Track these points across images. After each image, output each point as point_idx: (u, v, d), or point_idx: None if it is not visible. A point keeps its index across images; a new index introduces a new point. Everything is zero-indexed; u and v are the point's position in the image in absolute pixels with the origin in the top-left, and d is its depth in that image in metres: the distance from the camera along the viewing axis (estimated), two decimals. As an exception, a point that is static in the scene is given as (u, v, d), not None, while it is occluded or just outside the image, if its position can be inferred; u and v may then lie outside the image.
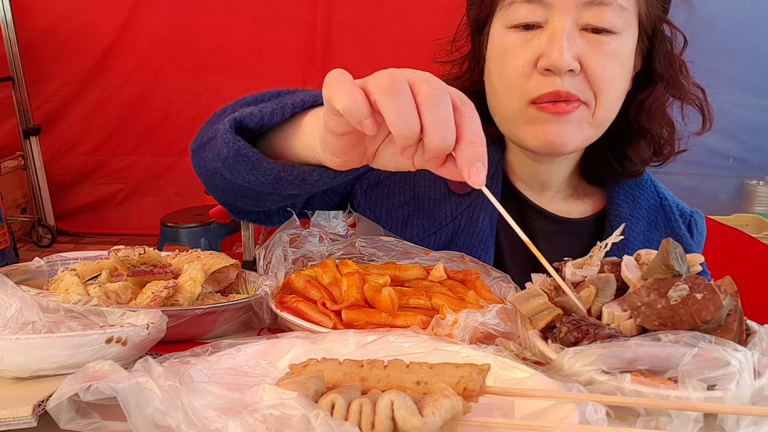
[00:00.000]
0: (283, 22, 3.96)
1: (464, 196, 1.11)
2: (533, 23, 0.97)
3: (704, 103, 1.10)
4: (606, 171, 1.15)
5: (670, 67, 1.07)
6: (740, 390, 0.58)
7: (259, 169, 0.81)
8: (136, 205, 4.27)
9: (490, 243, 1.10)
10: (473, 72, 1.11)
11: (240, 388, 0.57)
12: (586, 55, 0.96)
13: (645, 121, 1.09)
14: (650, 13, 1.02)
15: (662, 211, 1.17)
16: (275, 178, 0.81)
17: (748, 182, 3.77)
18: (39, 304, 0.72)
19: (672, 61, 1.07)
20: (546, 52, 0.94)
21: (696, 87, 1.10)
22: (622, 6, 0.96)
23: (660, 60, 1.06)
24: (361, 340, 0.70)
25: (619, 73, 1.00)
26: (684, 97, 1.09)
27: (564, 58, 0.93)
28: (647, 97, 1.08)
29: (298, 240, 0.99)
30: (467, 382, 0.55)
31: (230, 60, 4.04)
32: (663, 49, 1.06)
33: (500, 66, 1.01)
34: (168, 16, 4.00)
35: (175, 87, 4.10)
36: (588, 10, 0.95)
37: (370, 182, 1.12)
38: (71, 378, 0.53)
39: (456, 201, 1.11)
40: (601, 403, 0.56)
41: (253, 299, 0.85)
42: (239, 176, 0.85)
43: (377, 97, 0.62)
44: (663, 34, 1.06)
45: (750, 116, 3.63)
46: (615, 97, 1.02)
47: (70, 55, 4.09)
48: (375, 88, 0.62)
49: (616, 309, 0.69)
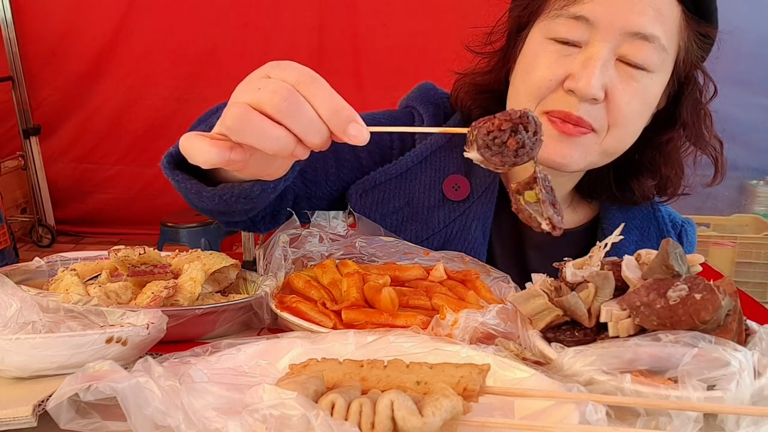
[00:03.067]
0: (276, 26, 3.93)
1: (458, 203, 1.11)
2: (573, 42, 0.96)
3: (720, 156, 1.10)
4: (605, 196, 1.16)
5: (696, 116, 1.06)
6: (740, 390, 0.58)
7: (202, 196, 0.81)
8: (136, 205, 4.27)
9: (482, 251, 1.10)
10: (500, 70, 1.11)
11: (240, 388, 0.57)
12: (614, 86, 0.95)
13: (660, 163, 1.10)
14: (688, 59, 1.01)
15: (654, 221, 1.18)
16: (221, 201, 0.81)
17: (748, 182, 3.77)
18: (39, 304, 0.72)
19: (698, 110, 1.06)
20: (577, 74, 0.94)
21: (716, 139, 1.09)
22: (664, 47, 0.95)
23: (687, 107, 1.05)
24: (361, 340, 0.70)
25: (641, 111, 1.00)
26: (703, 147, 1.09)
27: (592, 87, 0.92)
28: (668, 141, 1.08)
29: (298, 240, 0.99)
30: (467, 382, 0.55)
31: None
32: (692, 96, 1.05)
33: (529, 72, 1.00)
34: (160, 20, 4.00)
35: (166, 92, 4.10)
36: (629, 42, 0.93)
37: (366, 187, 1.11)
38: (71, 378, 0.53)
39: (450, 208, 1.10)
40: (601, 403, 0.56)
41: (253, 299, 0.85)
42: (199, 203, 0.85)
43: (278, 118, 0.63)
44: (695, 81, 1.05)
45: (751, 116, 3.63)
46: (630, 133, 1.01)
47: (70, 55, 4.09)
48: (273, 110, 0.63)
49: (615, 308, 0.69)
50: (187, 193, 0.83)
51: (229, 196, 0.80)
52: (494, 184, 1.12)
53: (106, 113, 4.20)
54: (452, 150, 1.13)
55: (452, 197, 1.11)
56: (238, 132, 0.64)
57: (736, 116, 3.53)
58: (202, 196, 0.81)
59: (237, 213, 0.88)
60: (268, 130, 0.63)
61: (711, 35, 1.02)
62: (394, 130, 0.78)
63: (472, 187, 1.11)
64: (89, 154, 4.29)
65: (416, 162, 1.12)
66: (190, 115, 0.95)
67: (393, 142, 1.15)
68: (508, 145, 0.65)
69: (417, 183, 1.11)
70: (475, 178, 1.12)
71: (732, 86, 3.49)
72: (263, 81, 0.65)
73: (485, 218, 1.11)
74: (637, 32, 0.93)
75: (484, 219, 1.10)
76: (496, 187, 1.12)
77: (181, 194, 0.86)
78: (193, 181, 0.81)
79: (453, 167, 1.12)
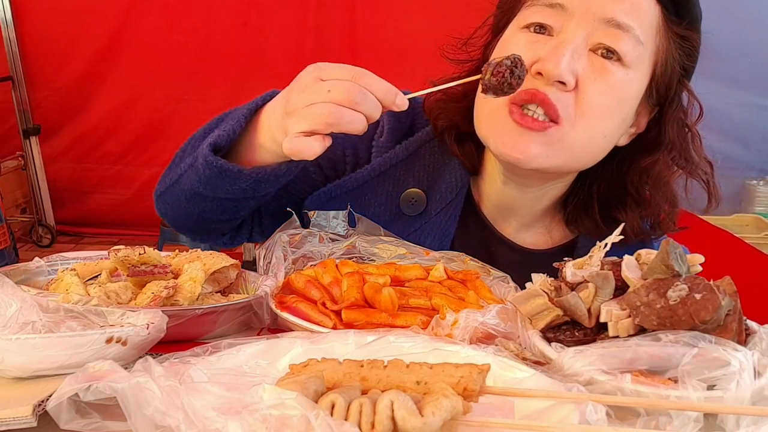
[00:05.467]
0: (275, 26, 3.92)
1: (414, 218, 1.10)
2: (546, 25, 0.94)
3: (711, 179, 1.04)
4: (589, 226, 1.09)
5: (682, 136, 1.02)
6: (740, 390, 0.58)
7: (240, 178, 0.92)
8: (137, 205, 4.27)
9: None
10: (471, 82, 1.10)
11: (240, 388, 0.57)
12: (586, 75, 0.92)
13: (649, 190, 1.04)
14: (667, 68, 0.98)
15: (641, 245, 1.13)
16: (255, 181, 0.93)
17: (748, 182, 3.76)
18: (39, 304, 0.72)
19: (684, 130, 1.02)
20: (546, 57, 0.91)
21: (705, 162, 1.04)
22: (639, 39, 0.93)
23: (672, 125, 1.01)
24: (361, 340, 0.70)
25: (613, 109, 0.95)
26: (692, 171, 1.03)
27: (560, 66, 0.90)
28: (653, 164, 1.02)
29: (298, 240, 1.00)
30: (467, 382, 0.55)
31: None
32: (677, 115, 1.01)
33: None
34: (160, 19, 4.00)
35: (166, 91, 4.11)
36: (604, 29, 0.92)
37: (322, 199, 1.10)
38: (71, 378, 0.53)
39: (405, 222, 1.10)
40: (601, 403, 0.56)
41: (253, 299, 0.85)
42: (221, 190, 0.95)
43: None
44: (679, 101, 1.01)
45: (750, 116, 3.63)
46: (599, 133, 0.96)
47: (70, 55, 4.09)
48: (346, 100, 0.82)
49: (615, 308, 0.69)
50: (222, 175, 0.92)
51: (263, 174, 0.92)
52: (458, 199, 1.10)
53: (106, 113, 4.19)
54: (413, 164, 1.12)
55: (408, 212, 1.10)
56: (336, 124, 0.82)
57: (736, 116, 3.54)
58: (241, 176, 0.92)
59: (250, 202, 1.00)
60: (354, 117, 0.82)
61: (692, 40, 0.99)
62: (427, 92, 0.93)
63: (430, 202, 1.10)
64: (89, 154, 4.28)
65: (374, 176, 1.11)
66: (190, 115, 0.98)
67: (346, 156, 1.13)
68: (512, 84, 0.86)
69: (373, 196, 1.11)
70: (435, 193, 1.10)
71: (732, 86, 3.49)
72: (326, 84, 0.82)
73: (444, 234, 1.09)
74: (611, 19, 0.91)
75: (442, 235, 1.09)
76: (461, 203, 1.10)
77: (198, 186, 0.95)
78: (233, 164, 0.92)
79: (412, 182, 1.11)
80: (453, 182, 1.10)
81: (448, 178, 1.11)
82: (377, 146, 1.13)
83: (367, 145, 1.14)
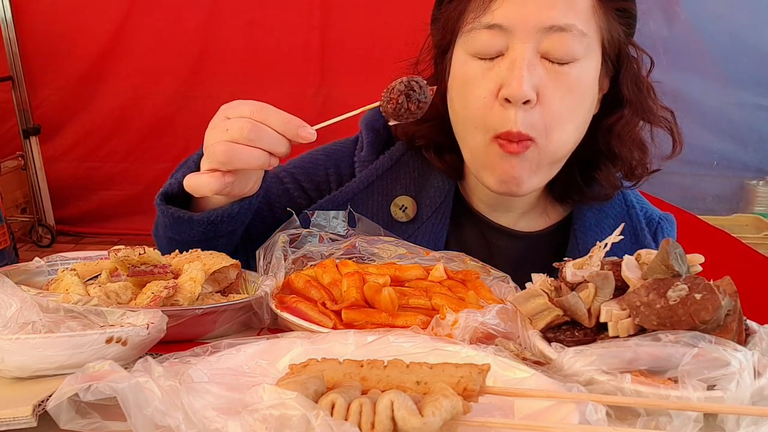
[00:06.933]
0: (280, 24, 3.94)
1: (406, 225, 1.12)
2: (495, 53, 0.96)
3: (674, 125, 1.09)
4: (575, 195, 1.14)
5: (638, 91, 1.05)
6: (740, 390, 0.58)
7: (193, 224, 0.96)
8: (136, 205, 4.27)
9: None
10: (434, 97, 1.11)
11: (240, 388, 0.57)
12: (544, 86, 0.95)
13: (615, 146, 1.08)
14: (613, 38, 1.01)
15: (629, 220, 1.16)
16: (209, 224, 0.96)
17: (748, 182, 3.77)
18: (39, 304, 0.72)
19: (639, 85, 1.06)
20: (506, 81, 0.94)
21: (665, 110, 1.08)
22: (582, 32, 0.95)
23: (627, 84, 1.05)
24: (361, 340, 0.70)
25: (576, 105, 0.99)
26: (653, 120, 1.08)
27: (523, 89, 0.92)
28: (616, 121, 1.06)
29: (298, 240, 1.00)
30: (467, 382, 0.55)
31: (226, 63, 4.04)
32: (629, 72, 1.05)
33: (464, 96, 1.00)
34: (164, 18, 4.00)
35: (170, 90, 4.11)
36: (548, 37, 0.94)
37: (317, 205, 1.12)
38: (71, 378, 0.53)
39: (398, 230, 1.11)
40: (601, 403, 0.56)
41: (253, 299, 0.85)
42: (186, 234, 0.98)
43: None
44: (629, 57, 1.04)
45: (750, 116, 3.63)
46: (570, 131, 1.00)
47: (70, 55, 4.09)
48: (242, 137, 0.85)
49: (615, 308, 0.69)
50: (177, 222, 0.96)
51: (215, 217, 0.95)
52: (448, 202, 1.12)
53: (110, 111, 4.20)
54: (398, 172, 1.14)
55: (400, 219, 1.12)
56: (229, 162, 0.85)
57: (736, 116, 3.54)
58: (193, 222, 0.95)
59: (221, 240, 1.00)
60: (249, 154, 0.84)
61: (630, 9, 1.03)
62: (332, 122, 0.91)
63: (420, 207, 1.12)
64: (93, 153, 4.29)
65: (362, 188, 1.13)
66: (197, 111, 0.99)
67: (329, 176, 1.17)
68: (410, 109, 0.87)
69: (365, 208, 1.12)
70: (424, 198, 1.13)
71: (730, 86, 3.49)
72: (227, 122, 0.85)
73: (437, 237, 1.11)
74: (552, 25, 0.93)
75: (435, 238, 1.11)
76: (450, 204, 1.12)
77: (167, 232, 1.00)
78: (184, 210, 0.96)
79: (400, 189, 1.14)
80: (441, 185, 1.14)
81: (436, 182, 1.14)
82: (359, 161, 1.16)
83: (349, 162, 1.17)
